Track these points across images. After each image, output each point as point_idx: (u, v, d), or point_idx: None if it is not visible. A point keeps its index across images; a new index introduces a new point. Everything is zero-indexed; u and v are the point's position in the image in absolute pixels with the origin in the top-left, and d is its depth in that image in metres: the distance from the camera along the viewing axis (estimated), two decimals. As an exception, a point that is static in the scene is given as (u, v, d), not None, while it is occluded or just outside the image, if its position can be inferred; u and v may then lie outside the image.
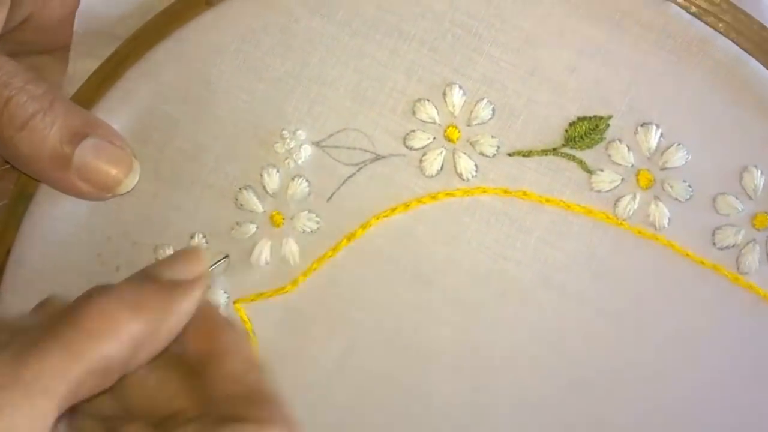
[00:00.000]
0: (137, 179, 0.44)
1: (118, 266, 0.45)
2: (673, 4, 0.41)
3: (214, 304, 0.41)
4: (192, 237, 0.45)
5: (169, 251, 0.44)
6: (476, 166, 0.42)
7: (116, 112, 0.44)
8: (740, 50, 0.41)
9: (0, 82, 0.41)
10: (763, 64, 0.41)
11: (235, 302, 0.44)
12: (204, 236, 0.44)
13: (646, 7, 0.41)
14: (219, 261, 0.44)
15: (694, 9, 0.41)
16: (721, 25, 0.41)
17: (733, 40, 0.41)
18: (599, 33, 0.41)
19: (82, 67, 0.47)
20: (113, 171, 0.43)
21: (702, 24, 0.41)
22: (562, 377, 0.43)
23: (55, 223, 0.46)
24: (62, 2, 0.46)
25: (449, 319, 0.43)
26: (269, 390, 0.34)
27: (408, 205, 0.42)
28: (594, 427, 0.43)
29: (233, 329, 0.35)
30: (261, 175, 0.43)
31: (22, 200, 0.46)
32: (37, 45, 0.45)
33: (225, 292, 0.44)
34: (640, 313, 0.42)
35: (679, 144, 0.41)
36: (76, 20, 0.46)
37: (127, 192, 0.44)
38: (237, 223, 0.44)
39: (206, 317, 0.35)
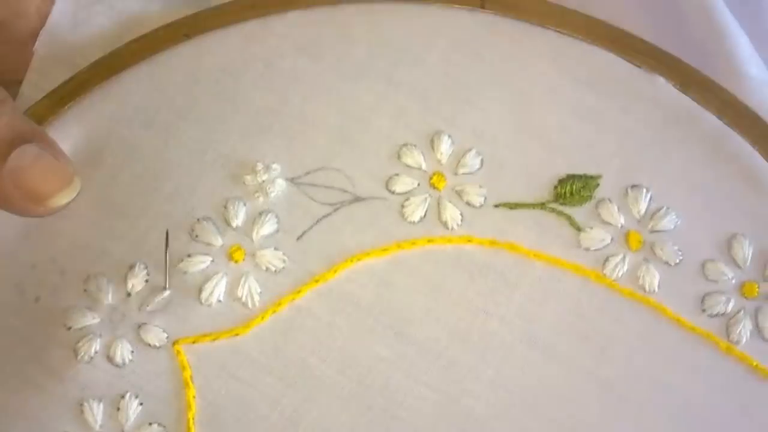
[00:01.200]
0: (72, 197, 0.44)
1: (38, 297, 0.43)
2: (660, 77, 0.44)
3: None
4: (131, 267, 0.44)
5: (103, 282, 0.43)
6: (462, 215, 0.44)
7: (69, 130, 0.47)
8: (725, 125, 0.43)
9: None
10: (747, 140, 0.43)
11: (174, 343, 0.41)
12: (146, 266, 0.44)
13: (636, 77, 0.45)
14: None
15: (680, 83, 0.46)
16: (706, 99, 0.43)
17: (718, 116, 0.43)
18: (590, 95, 0.45)
19: (30, 96, 0.47)
20: (48, 183, 0.41)
21: (688, 98, 0.43)
22: None
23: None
24: (30, 19, 0.45)
25: (424, 376, 0.43)
26: None
27: (386, 250, 0.43)
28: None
29: None
30: (225, 207, 0.44)
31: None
32: (6, 64, 0.44)
33: (163, 331, 0.44)
34: (630, 379, 0.44)
35: (668, 208, 0.44)
36: (39, 39, 0.45)
37: (58, 211, 0.43)
38: (188, 255, 0.44)
39: None
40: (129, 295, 0.43)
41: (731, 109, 0.46)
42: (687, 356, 0.43)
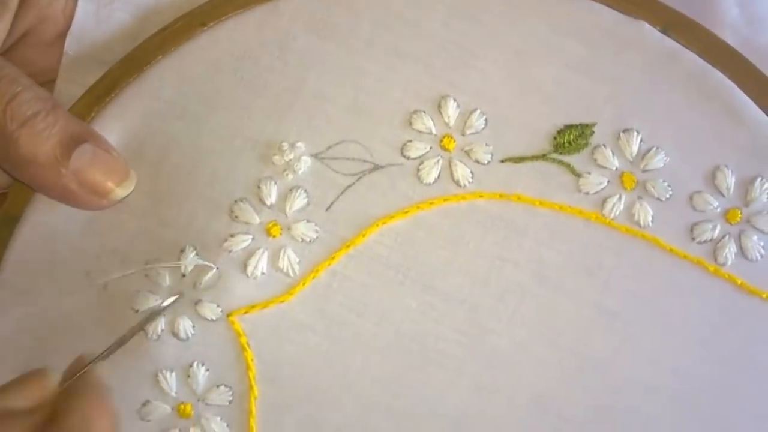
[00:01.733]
0: (131, 189, 0.49)
1: (105, 284, 0.47)
2: (644, 22, 0.47)
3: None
4: (182, 251, 0.49)
5: (160, 266, 0.49)
6: (472, 173, 0.47)
7: (110, 127, 0.51)
8: (707, 63, 0.47)
9: (9, 78, 0.45)
10: (727, 76, 0.47)
11: (228, 315, 0.47)
12: (195, 249, 0.49)
13: (621, 25, 0.48)
14: (172, 300, 0.48)
15: (662, 26, 0.50)
16: (687, 40, 0.47)
17: (699, 54, 0.47)
18: (581, 48, 0.49)
19: (68, 95, 0.50)
20: (108, 177, 0.47)
21: (671, 40, 0.47)
22: (560, 372, 0.47)
23: (43, 242, 0.48)
24: (56, 21, 0.48)
25: (451, 322, 0.47)
26: None
27: (407, 212, 0.47)
28: (593, 415, 0.47)
29: None
30: (258, 188, 0.48)
31: (6, 223, 0.49)
32: (33, 65, 0.47)
33: (218, 306, 0.49)
34: (632, 306, 0.49)
35: (658, 147, 0.48)
36: (67, 41, 0.49)
37: (120, 201, 0.48)
38: (231, 235, 0.49)
39: None
40: (184, 276, 0.48)
41: (712, 47, 0.50)
42: (680, 281, 0.49)
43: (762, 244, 0.48)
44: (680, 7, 0.50)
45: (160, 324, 0.48)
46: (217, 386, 0.48)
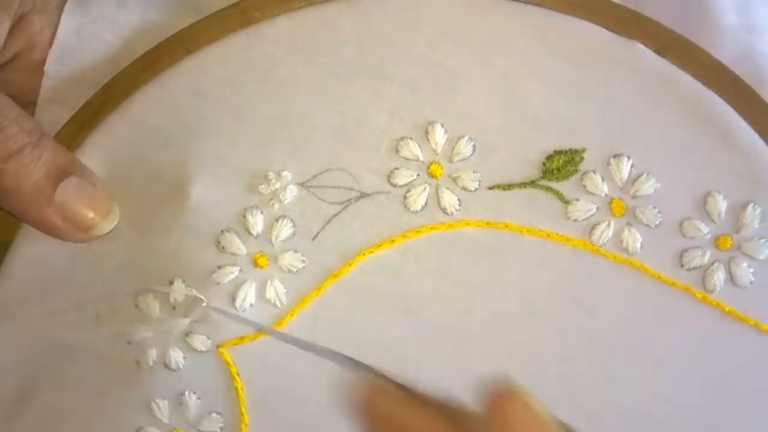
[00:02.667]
0: (114, 223, 0.49)
1: (98, 315, 0.48)
2: (638, 43, 0.46)
3: None
4: (171, 282, 0.50)
5: (150, 298, 0.49)
6: (459, 200, 0.47)
7: (95, 157, 0.49)
8: (702, 86, 0.46)
9: None
10: (723, 99, 0.46)
11: (218, 347, 0.47)
12: (183, 281, 0.50)
13: (614, 45, 0.47)
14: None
15: (658, 47, 0.49)
16: (684, 61, 0.46)
17: (695, 76, 0.46)
18: (571, 70, 0.48)
19: (50, 116, 0.51)
20: (92, 211, 0.47)
21: (666, 61, 0.46)
22: (547, 400, 0.47)
23: (33, 270, 0.49)
24: (44, 48, 0.49)
25: (438, 349, 0.48)
26: None
27: (394, 240, 0.47)
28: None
29: None
30: (244, 217, 0.48)
31: (-3, 248, 0.49)
32: (21, 88, 0.47)
33: (208, 338, 0.50)
34: (619, 334, 0.50)
35: (649, 173, 0.48)
36: (48, 60, 0.48)
37: (104, 235, 0.49)
38: (218, 267, 0.49)
39: None
40: (174, 308, 0.49)
41: (709, 69, 0.49)
42: (667, 308, 0.49)
43: (752, 270, 0.48)
44: (676, 17, 0.49)
45: (151, 355, 0.49)
46: (209, 413, 0.49)
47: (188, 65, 0.49)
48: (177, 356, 0.49)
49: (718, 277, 0.48)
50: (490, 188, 0.49)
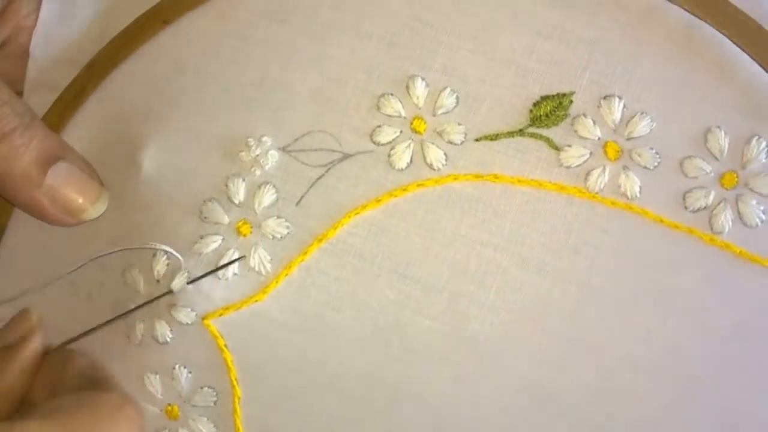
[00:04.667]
0: (104, 208, 0.49)
1: (89, 293, 0.47)
2: (622, -21, 0.45)
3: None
4: (154, 255, 0.49)
5: (135, 272, 0.49)
6: (445, 154, 0.46)
7: (78, 137, 0.50)
8: (692, 17, 0.44)
9: None
10: (716, 29, 0.44)
11: (203, 318, 0.47)
12: (165, 253, 0.49)
13: (596, -17, 0.45)
14: (235, 260, 0.48)
15: None
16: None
17: (683, 7, 0.44)
18: (553, 12, 0.47)
19: (38, 99, 0.52)
20: (81, 196, 0.47)
21: (652, -6, 0.44)
22: (549, 356, 0.46)
23: (27, 253, 0.48)
24: (31, 32, 0.49)
25: (431, 311, 0.46)
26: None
27: (380, 200, 0.46)
28: (587, 399, 0.46)
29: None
30: (226, 186, 0.48)
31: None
32: (8, 75, 0.48)
33: (192, 310, 0.49)
34: (622, 283, 0.47)
35: (642, 113, 0.46)
36: (32, 41, 0.49)
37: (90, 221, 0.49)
38: (201, 237, 0.49)
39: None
40: (158, 281, 0.48)
41: (697, -1, 0.47)
42: (672, 253, 0.46)
43: (762, 208, 0.45)
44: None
45: (140, 329, 0.48)
46: (201, 388, 0.49)
47: (165, 37, 0.49)
48: (163, 329, 0.48)
49: (726, 217, 0.45)
50: (476, 140, 0.47)
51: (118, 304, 0.49)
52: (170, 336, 0.48)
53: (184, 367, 0.48)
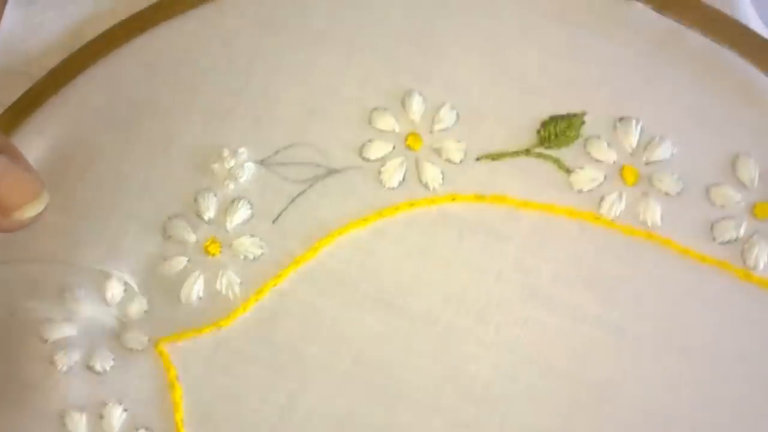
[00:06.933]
0: (39, 210, 0.43)
1: (12, 312, 0.42)
2: (637, 2, 0.42)
3: None
4: (108, 276, 0.43)
5: (80, 292, 0.43)
6: (442, 173, 0.42)
7: (32, 142, 0.46)
8: (711, 41, 0.41)
9: None
10: (737, 54, 0.41)
11: (156, 343, 0.40)
12: (122, 273, 0.43)
13: (610, 5, 0.43)
14: None
15: (657, 5, 0.44)
16: (688, 18, 0.42)
17: (701, 32, 0.41)
18: (564, 31, 0.44)
19: None
20: (15, 194, 0.41)
21: (668, 19, 0.42)
22: (560, 402, 0.39)
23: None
24: None
25: (420, 347, 0.40)
26: None
27: (366, 220, 0.41)
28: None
29: None
30: (195, 201, 0.43)
31: None
32: None
33: (145, 334, 0.43)
34: (642, 321, 0.42)
35: (662, 136, 0.42)
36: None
37: (27, 223, 0.42)
38: (164, 258, 0.43)
39: None
40: (108, 304, 0.42)
41: (715, 23, 0.44)
42: (701, 289, 0.40)
43: (800, 242, 0.41)
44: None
45: (73, 355, 0.41)
46: (137, 430, 0.41)
47: (140, 42, 0.45)
48: (104, 356, 0.41)
49: (761, 250, 0.40)
50: (477, 159, 0.42)
51: (48, 326, 0.41)
52: (111, 365, 0.41)
53: (119, 404, 0.41)
